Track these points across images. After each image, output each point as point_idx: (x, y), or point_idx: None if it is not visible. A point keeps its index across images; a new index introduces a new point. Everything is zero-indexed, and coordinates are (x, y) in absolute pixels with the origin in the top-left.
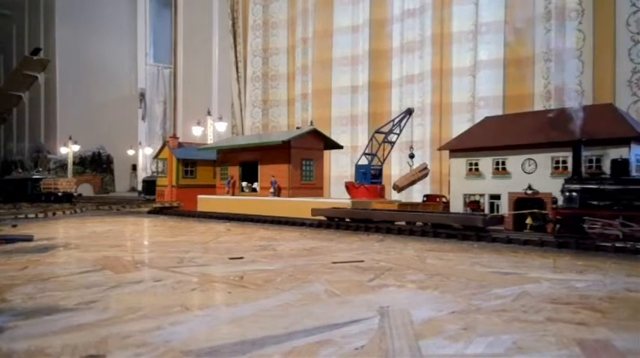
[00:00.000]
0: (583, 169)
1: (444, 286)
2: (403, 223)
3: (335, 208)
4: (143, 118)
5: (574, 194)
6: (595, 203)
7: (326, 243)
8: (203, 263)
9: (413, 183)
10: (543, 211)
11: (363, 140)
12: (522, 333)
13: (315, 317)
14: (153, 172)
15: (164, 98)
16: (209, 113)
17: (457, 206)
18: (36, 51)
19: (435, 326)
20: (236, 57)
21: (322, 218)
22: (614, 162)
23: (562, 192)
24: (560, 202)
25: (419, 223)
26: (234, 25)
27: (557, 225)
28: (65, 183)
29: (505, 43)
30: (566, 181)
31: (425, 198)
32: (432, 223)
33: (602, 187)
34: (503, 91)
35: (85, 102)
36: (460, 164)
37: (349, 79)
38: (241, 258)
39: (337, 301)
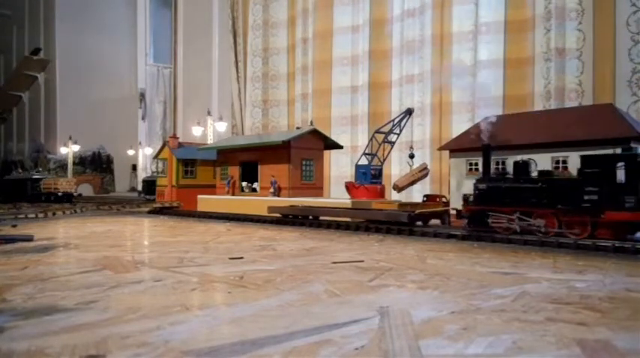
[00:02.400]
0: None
1: (444, 286)
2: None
3: (292, 206)
4: (143, 118)
5: (481, 192)
6: (498, 200)
7: (326, 243)
8: (203, 263)
9: (413, 183)
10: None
11: (363, 140)
12: (522, 333)
13: (315, 317)
14: (153, 172)
15: (164, 98)
16: (209, 113)
17: (457, 206)
18: (36, 51)
19: (435, 326)
20: (236, 57)
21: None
22: (515, 163)
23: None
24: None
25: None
26: (234, 25)
27: (466, 220)
28: (65, 183)
29: (505, 43)
30: (477, 181)
31: (425, 198)
32: (366, 218)
33: (504, 186)
34: (503, 91)
35: (85, 102)
36: (460, 164)
37: (349, 79)
38: (241, 258)
39: (337, 301)
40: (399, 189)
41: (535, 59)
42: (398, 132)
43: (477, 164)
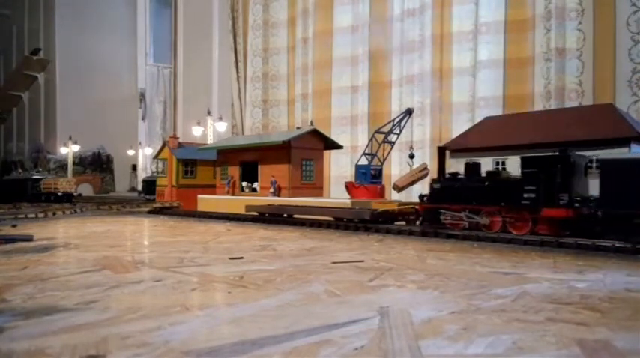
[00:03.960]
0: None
1: (444, 286)
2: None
3: (269, 205)
4: (143, 118)
5: (435, 191)
6: (450, 199)
7: (326, 242)
8: (203, 263)
9: (413, 183)
10: (415, 206)
11: (363, 140)
12: (522, 333)
13: (315, 317)
14: (153, 172)
15: (164, 98)
16: (209, 113)
17: None
18: (36, 51)
19: (435, 326)
20: (236, 57)
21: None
22: (466, 164)
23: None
24: None
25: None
26: (234, 25)
27: (420, 217)
28: (65, 183)
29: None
30: (432, 181)
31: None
32: (333, 216)
33: (455, 186)
34: (503, 91)
35: (85, 102)
36: (460, 164)
37: (349, 79)
38: (241, 258)
39: (337, 301)
40: (399, 189)
41: (535, 59)
42: (398, 132)
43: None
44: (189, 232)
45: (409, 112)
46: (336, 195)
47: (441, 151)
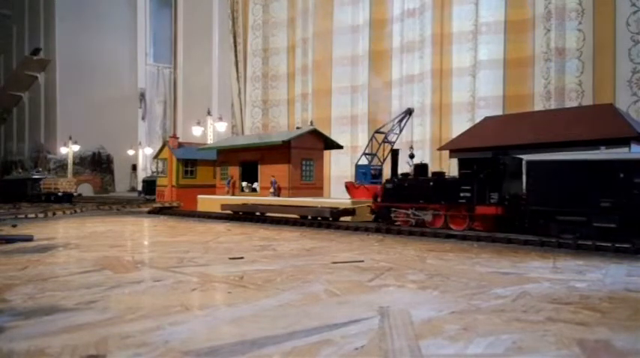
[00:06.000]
0: None
1: (444, 286)
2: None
3: (244, 204)
4: (143, 118)
5: (388, 190)
6: (400, 197)
7: (326, 243)
8: (203, 263)
9: None
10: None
11: (363, 140)
12: (522, 333)
13: (315, 317)
14: (153, 172)
15: (164, 98)
16: (209, 113)
17: None
18: (36, 51)
19: (435, 326)
20: (236, 57)
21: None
22: (416, 165)
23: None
24: None
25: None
26: (234, 25)
27: (374, 215)
28: (65, 183)
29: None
30: (386, 181)
31: None
32: (297, 214)
33: (405, 185)
34: (503, 91)
35: (85, 102)
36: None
37: (349, 79)
38: (241, 258)
39: (337, 301)
40: None
41: (535, 59)
42: (398, 132)
43: None
44: (189, 232)
45: (409, 112)
46: (337, 195)
47: (394, 153)
